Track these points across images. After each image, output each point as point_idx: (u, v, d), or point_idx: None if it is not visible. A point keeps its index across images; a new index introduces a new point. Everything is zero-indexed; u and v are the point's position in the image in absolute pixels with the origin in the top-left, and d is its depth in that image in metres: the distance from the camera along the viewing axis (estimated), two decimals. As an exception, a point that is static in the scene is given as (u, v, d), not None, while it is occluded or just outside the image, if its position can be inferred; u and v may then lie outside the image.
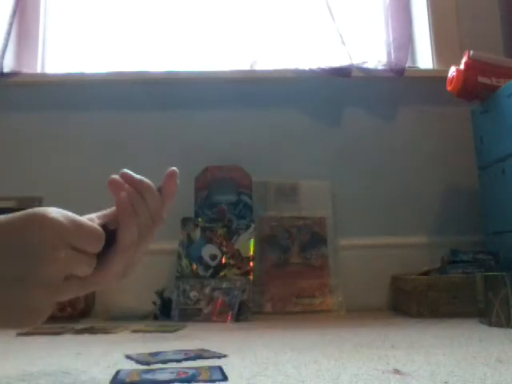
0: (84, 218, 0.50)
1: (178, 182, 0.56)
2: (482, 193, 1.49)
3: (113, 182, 0.52)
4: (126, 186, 0.52)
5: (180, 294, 1.40)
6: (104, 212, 0.55)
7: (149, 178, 0.54)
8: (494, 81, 1.40)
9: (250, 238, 1.51)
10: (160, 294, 1.42)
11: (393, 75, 1.69)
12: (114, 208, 0.54)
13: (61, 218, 0.42)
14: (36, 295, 0.41)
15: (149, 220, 0.52)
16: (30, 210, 0.42)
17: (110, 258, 0.50)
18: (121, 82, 1.69)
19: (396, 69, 1.69)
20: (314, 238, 1.57)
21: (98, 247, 0.46)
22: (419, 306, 1.26)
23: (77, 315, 1.37)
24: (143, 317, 1.39)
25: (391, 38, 1.81)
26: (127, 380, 0.61)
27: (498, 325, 1.02)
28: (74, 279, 0.45)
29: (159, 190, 0.55)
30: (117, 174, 0.53)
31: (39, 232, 0.41)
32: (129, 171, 0.53)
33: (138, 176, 0.53)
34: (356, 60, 1.69)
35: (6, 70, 1.64)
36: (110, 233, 0.50)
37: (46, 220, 0.41)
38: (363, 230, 1.63)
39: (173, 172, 0.55)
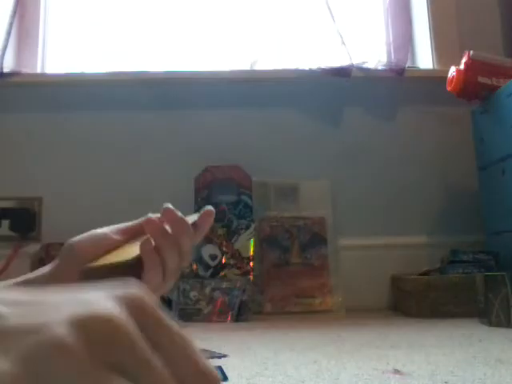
0: (98, 231, 0.48)
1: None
2: (482, 193, 1.49)
3: (151, 224, 0.49)
4: (160, 226, 0.48)
5: (180, 294, 1.40)
6: (119, 227, 0.52)
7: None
8: (494, 81, 1.40)
9: (250, 238, 1.51)
10: (160, 293, 1.42)
11: (393, 75, 1.69)
12: (130, 224, 0.51)
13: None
14: None
15: (177, 260, 0.50)
16: None
17: None
18: (121, 82, 1.69)
19: (396, 69, 1.69)
20: (314, 238, 1.57)
21: None
22: (419, 306, 1.26)
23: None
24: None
25: (391, 38, 1.81)
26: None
27: (498, 325, 1.02)
28: None
29: (193, 225, 0.52)
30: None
31: None
32: (172, 207, 0.49)
33: (180, 214, 0.50)
34: (356, 60, 1.68)
35: (5, 70, 1.63)
36: (133, 271, 0.46)
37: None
38: (363, 230, 1.63)
39: (211, 212, 0.53)
